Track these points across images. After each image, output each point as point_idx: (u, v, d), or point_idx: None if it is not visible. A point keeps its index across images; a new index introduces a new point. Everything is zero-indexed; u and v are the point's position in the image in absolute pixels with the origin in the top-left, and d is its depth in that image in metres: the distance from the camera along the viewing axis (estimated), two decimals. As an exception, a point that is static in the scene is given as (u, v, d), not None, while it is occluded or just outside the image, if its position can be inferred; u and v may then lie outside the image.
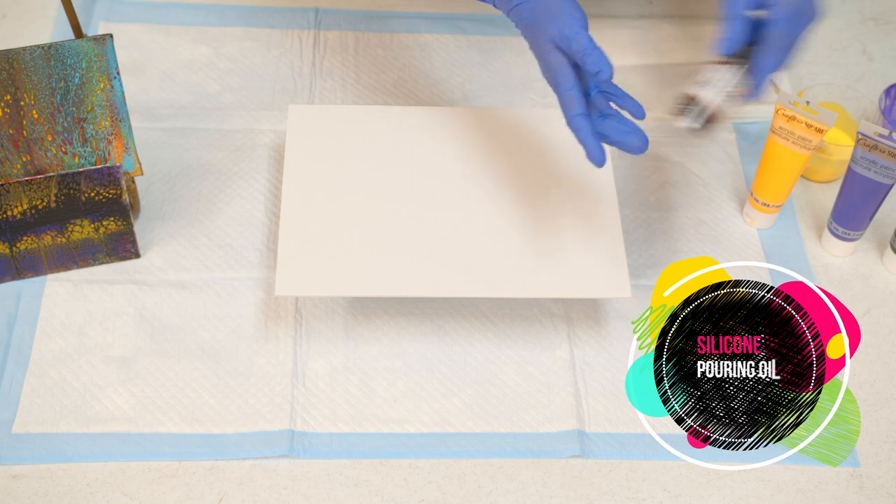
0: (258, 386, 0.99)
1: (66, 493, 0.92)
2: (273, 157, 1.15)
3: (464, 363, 1.02)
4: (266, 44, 1.25)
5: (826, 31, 1.34)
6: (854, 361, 1.04)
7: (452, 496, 0.94)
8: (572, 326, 1.04)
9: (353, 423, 0.97)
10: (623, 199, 1.13)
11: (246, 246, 1.08)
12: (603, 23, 1.28)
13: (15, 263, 1.02)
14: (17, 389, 0.97)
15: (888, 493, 0.96)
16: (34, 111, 0.97)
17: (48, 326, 1.01)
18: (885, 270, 1.11)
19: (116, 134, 1.01)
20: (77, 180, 0.99)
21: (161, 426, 0.96)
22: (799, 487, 0.96)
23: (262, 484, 0.94)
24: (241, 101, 1.20)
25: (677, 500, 0.95)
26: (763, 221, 1.13)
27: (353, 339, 1.02)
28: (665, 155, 1.19)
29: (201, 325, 1.02)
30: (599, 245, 1.00)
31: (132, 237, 1.04)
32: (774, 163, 1.08)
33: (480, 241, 1.00)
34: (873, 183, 1.05)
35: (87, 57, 0.97)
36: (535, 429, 0.98)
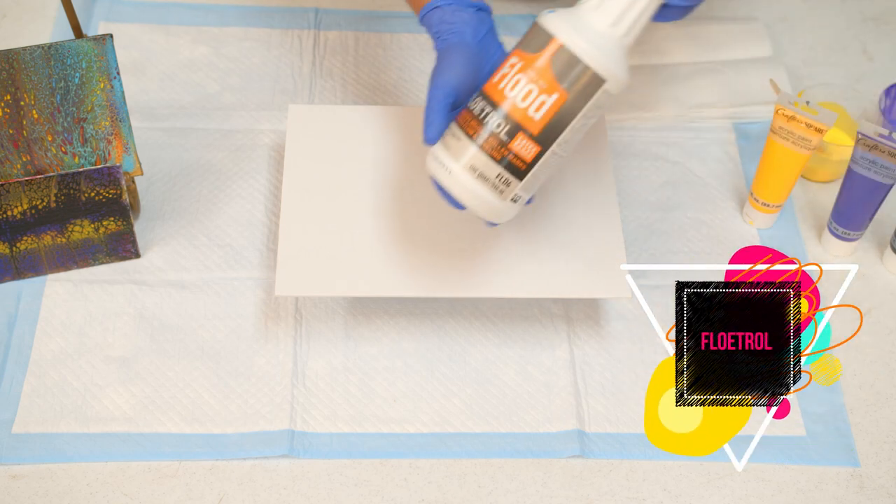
0: (258, 386, 0.99)
1: (66, 493, 0.92)
2: (273, 157, 1.15)
3: (464, 363, 1.02)
4: (266, 44, 1.25)
5: (826, 31, 1.34)
6: (854, 361, 1.04)
7: (452, 496, 0.94)
8: (572, 326, 1.04)
9: (353, 423, 0.97)
10: (623, 199, 1.13)
11: (246, 246, 1.08)
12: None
13: (15, 263, 1.02)
14: (17, 389, 0.97)
15: (888, 493, 0.96)
16: (34, 111, 0.97)
17: (48, 326, 1.01)
18: (885, 270, 1.11)
19: (116, 134, 1.01)
20: (77, 180, 0.99)
21: (161, 426, 0.96)
22: (799, 487, 0.96)
23: (262, 484, 0.94)
24: (241, 101, 1.20)
25: (677, 500, 0.95)
26: (763, 221, 1.13)
27: (353, 339, 1.02)
28: (665, 155, 1.19)
29: (201, 325, 1.02)
30: (599, 245, 1.00)
31: (132, 237, 1.04)
32: (774, 163, 1.08)
33: (480, 241, 1.00)
34: (873, 183, 1.05)
35: (87, 57, 0.97)
36: (535, 429, 0.98)
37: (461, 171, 0.85)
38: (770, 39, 1.30)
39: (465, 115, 0.86)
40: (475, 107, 0.86)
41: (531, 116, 0.84)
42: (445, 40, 0.94)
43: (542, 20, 0.85)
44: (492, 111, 0.85)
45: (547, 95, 0.83)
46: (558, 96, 0.83)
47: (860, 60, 1.31)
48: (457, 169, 0.85)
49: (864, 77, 1.29)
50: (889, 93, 1.16)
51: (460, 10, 0.94)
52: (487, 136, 0.85)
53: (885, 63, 1.31)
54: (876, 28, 1.35)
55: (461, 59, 0.92)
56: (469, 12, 0.94)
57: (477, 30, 0.94)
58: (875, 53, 1.32)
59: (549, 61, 0.83)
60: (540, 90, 0.83)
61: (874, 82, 1.28)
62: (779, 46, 1.31)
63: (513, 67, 0.85)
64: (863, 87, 1.27)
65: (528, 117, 0.84)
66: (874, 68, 1.30)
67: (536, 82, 0.83)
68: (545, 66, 0.83)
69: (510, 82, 0.84)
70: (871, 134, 1.03)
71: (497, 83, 0.85)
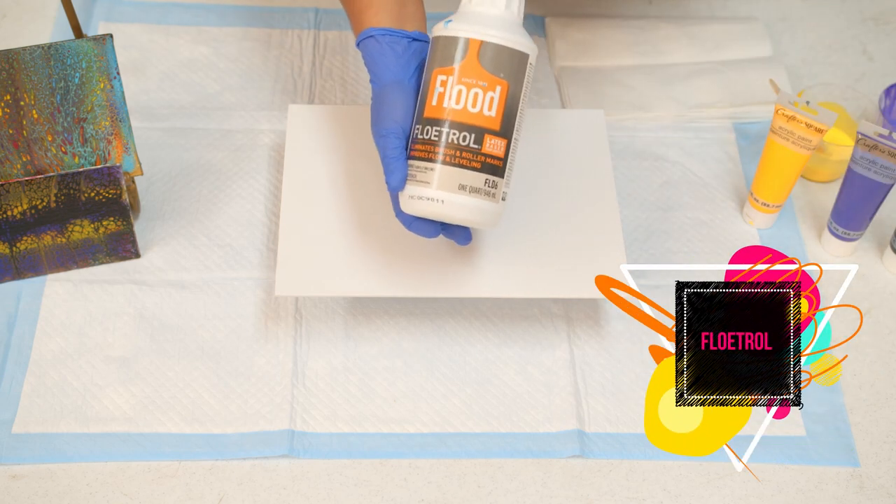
0: (258, 386, 0.99)
1: (66, 493, 0.92)
2: (273, 157, 1.15)
3: (464, 363, 1.02)
4: (266, 44, 1.25)
5: (826, 31, 1.34)
6: (854, 361, 1.04)
7: (452, 496, 0.94)
8: (572, 326, 1.04)
9: (353, 423, 0.97)
10: (623, 199, 1.13)
11: (246, 246, 1.08)
12: (603, 23, 1.28)
13: (15, 263, 1.02)
14: (17, 389, 0.97)
15: (888, 493, 0.96)
16: (34, 111, 0.97)
17: (48, 326, 1.01)
18: (885, 270, 1.11)
19: (116, 134, 1.01)
20: (77, 180, 0.99)
21: (161, 426, 0.96)
22: (799, 487, 0.96)
23: (262, 484, 0.94)
24: (241, 101, 1.20)
25: (677, 500, 0.95)
26: (763, 221, 1.13)
27: (353, 339, 1.02)
28: (665, 155, 1.18)
29: (201, 325, 1.02)
30: (599, 245, 1.00)
31: (132, 237, 1.04)
32: (774, 163, 1.08)
33: (480, 241, 1.00)
34: (873, 183, 1.05)
35: (87, 57, 0.97)
36: (535, 429, 0.98)
37: (453, 196, 0.88)
38: (770, 39, 1.30)
39: (425, 146, 0.88)
40: (431, 135, 0.88)
41: (487, 115, 0.88)
42: (380, 78, 0.93)
43: (445, 33, 0.89)
44: (452, 130, 0.88)
45: (492, 91, 0.88)
46: (501, 87, 0.88)
47: (860, 60, 1.31)
48: (447, 196, 0.88)
49: (864, 77, 1.29)
50: (889, 93, 1.16)
51: (395, 42, 0.94)
52: (461, 153, 0.88)
53: (885, 63, 1.31)
54: (876, 28, 1.35)
55: (401, 100, 0.92)
56: (403, 44, 0.94)
57: (409, 64, 0.93)
58: (875, 53, 1.32)
59: (476, 61, 0.87)
60: (484, 89, 0.88)
61: (874, 82, 1.28)
62: (779, 46, 1.31)
63: (445, 84, 0.88)
64: (863, 87, 1.27)
65: (486, 117, 0.88)
66: (874, 68, 1.30)
67: (476, 84, 0.88)
68: (476, 67, 0.87)
69: (451, 97, 0.88)
70: (870, 134, 1.03)
71: (439, 105, 0.88)
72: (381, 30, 0.94)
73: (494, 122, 0.88)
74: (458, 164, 0.88)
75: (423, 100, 0.90)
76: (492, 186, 0.89)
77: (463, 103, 0.88)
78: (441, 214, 0.89)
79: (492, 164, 0.88)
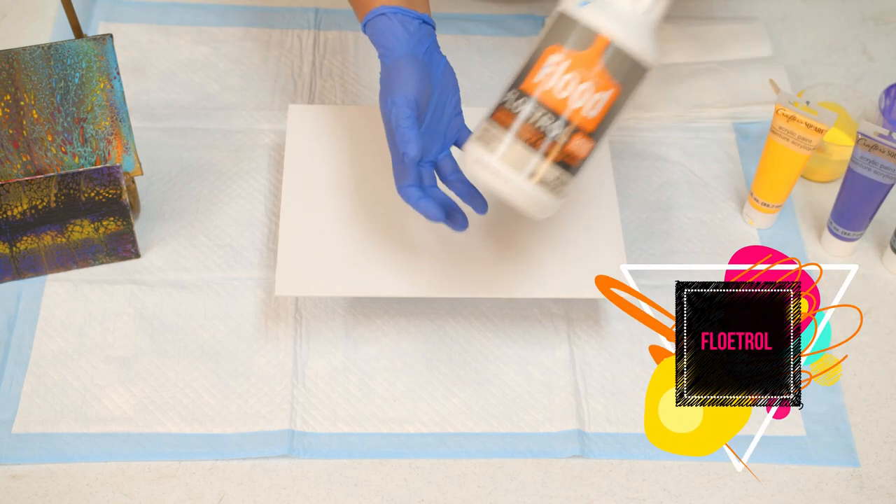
0: (258, 386, 0.99)
1: (66, 493, 0.92)
2: (273, 157, 1.15)
3: (464, 363, 1.02)
4: (266, 44, 1.25)
5: (826, 31, 1.34)
6: (854, 361, 1.04)
7: (452, 496, 0.94)
8: (572, 326, 1.04)
9: (353, 423, 0.97)
10: (623, 199, 1.13)
11: (246, 246, 1.08)
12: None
13: (15, 263, 1.02)
14: (17, 389, 0.97)
15: (888, 493, 0.96)
16: (34, 111, 0.97)
17: (48, 326, 1.01)
18: (885, 270, 1.11)
19: (116, 134, 1.01)
20: (77, 180, 0.99)
21: (161, 426, 0.96)
22: (799, 487, 0.96)
23: (262, 484, 0.94)
24: (241, 101, 1.20)
25: (677, 500, 0.95)
26: (763, 221, 1.13)
27: (353, 339, 1.02)
28: (665, 155, 1.19)
29: (201, 325, 1.02)
30: (599, 245, 1.00)
31: (132, 237, 1.04)
32: (774, 163, 1.08)
33: (481, 241, 1.00)
34: (873, 183, 1.05)
35: (87, 57, 0.97)
36: (534, 429, 0.98)
37: (519, 179, 0.82)
38: (770, 39, 1.30)
39: (508, 115, 0.83)
40: (520, 108, 0.82)
41: (586, 115, 0.82)
42: (392, 51, 0.92)
43: (576, 15, 0.82)
44: (546, 114, 0.82)
45: (602, 92, 0.82)
46: (612, 92, 0.82)
47: (860, 60, 1.31)
48: (514, 177, 0.82)
49: (864, 77, 1.29)
50: (889, 93, 1.16)
51: (407, 21, 0.93)
52: (543, 140, 0.82)
53: (885, 63, 1.31)
54: (876, 28, 1.35)
55: (414, 73, 0.91)
56: (415, 24, 0.93)
57: (422, 42, 0.93)
58: (875, 53, 1.32)
59: (600, 58, 0.81)
60: (596, 88, 0.82)
61: (874, 82, 1.28)
62: (779, 46, 1.31)
63: (558, 66, 0.82)
64: (863, 87, 1.27)
65: (584, 116, 0.82)
66: (874, 68, 1.30)
67: (591, 80, 0.81)
68: (597, 64, 0.81)
69: (558, 81, 0.82)
70: (871, 134, 1.03)
71: (543, 83, 0.82)
72: (393, 8, 0.93)
73: (591, 123, 0.82)
74: (538, 151, 0.82)
75: (527, 71, 0.83)
76: (561, 184, 0.83)
77: (567, 93, 0.81)
78: (498, 191, 0.83)
79: (568, 162, 0.83)
